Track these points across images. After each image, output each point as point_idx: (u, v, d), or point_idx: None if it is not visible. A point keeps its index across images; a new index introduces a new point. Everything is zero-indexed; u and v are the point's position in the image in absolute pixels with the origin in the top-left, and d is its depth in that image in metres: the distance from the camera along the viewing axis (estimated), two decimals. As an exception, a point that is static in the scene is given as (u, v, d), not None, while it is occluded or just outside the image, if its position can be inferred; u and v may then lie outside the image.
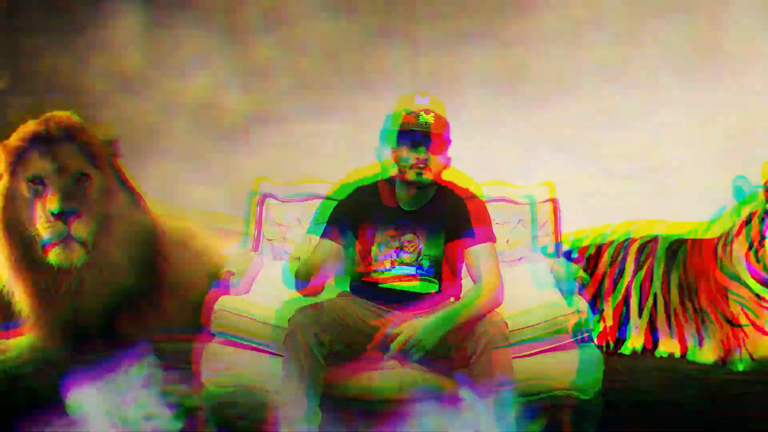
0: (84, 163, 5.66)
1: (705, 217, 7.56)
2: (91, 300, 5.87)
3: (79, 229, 5.55)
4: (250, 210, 5.59)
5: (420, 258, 4.50)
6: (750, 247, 5.88)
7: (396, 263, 4.50)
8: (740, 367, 5.81)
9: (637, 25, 8.88)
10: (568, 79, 8.85)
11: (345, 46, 8.96)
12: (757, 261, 5.84)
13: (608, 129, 8.71)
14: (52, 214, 5.50)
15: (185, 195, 8.75)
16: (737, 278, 5.89)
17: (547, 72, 8.90)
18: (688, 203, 8.48)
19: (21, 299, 5.76)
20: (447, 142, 4.48)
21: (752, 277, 5.87)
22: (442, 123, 4.44)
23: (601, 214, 8.14)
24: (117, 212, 5.78)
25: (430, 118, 4.40)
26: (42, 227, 5.56)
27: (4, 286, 5.79)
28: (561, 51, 8.90)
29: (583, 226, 6.92)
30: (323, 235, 4.51)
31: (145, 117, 8.87)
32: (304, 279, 4.41)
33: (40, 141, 5.68)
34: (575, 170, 8.47)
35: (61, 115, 5.78)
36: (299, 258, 4.47)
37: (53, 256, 5.59)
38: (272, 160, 8.88)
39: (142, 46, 8.90)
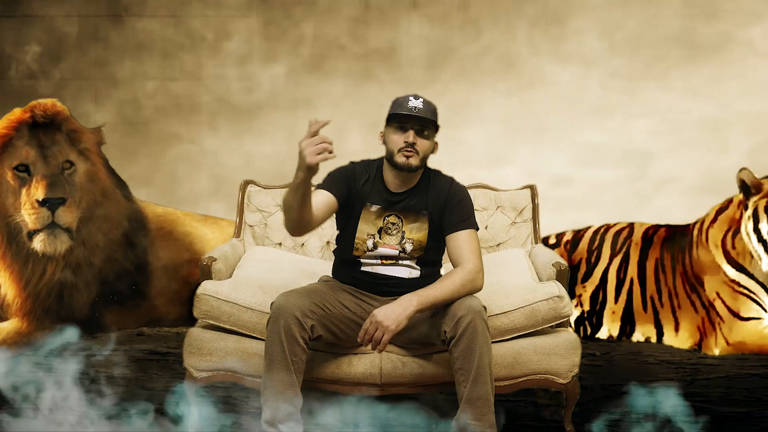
0: (70, 151, 5.66)
1: (678, 202, 7.59)
2: (77, 285, 5.85)
3: (64, 216, 5.55)
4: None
5: (403, 241, 4.51)
6: (726, 233, 5.90)
7: (379, 244, 4.50)
8: (715, 352, 5.83)
9: (613, 17, 8.90)
10: (545, 69, 8.86)
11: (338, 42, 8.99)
12: (733, 247, 5.86)
13: (584, 118, 8.73)
14: (38, 202, 5.50)
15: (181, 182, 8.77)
16: (713, 263, 5.91)
17: (527, 63, 8.91)
18: (662, 190, 8.52)
19: (6, 285, 5.75)
20: (435, 127, 4.48)
21: (728, 262, 5.89)
22: (430, 108, 4.44)
23: (576, 201, 8.17)
24: (103, 199, 5.76)
25: (418, 104, 4.41)
26: (27, 215, 5.56)
27: None
28: (538, 42, 8.91)
29: (560, 217, 6.94)
30: (319, 186, 4.51)
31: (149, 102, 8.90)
32: (293, 220, 4.33)
33: (26, 129, 5.66)
34: (551, 157, 8.49)
35: (47, 102, 5.77)
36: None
37: (38, 243, 5.59)
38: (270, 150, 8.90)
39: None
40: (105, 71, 9.14)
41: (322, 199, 4.43)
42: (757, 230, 5.81)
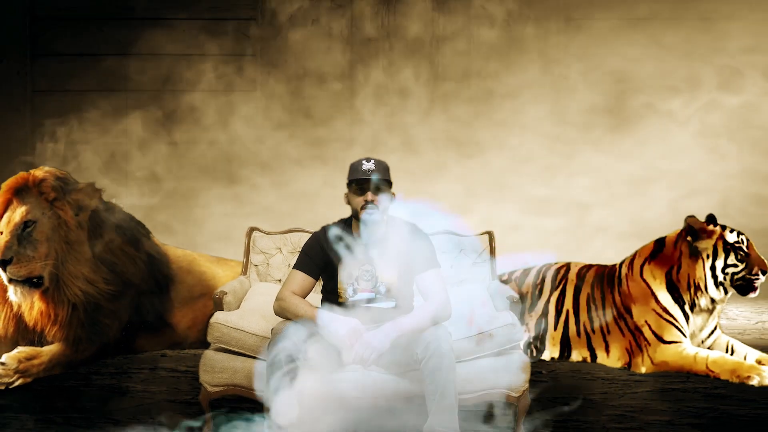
0: (33, 211, 5.58)
1: (610, 245, 7.64)
2: (114, 312, 5.83)
3: (16, 272, 5.51)
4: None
5: (377, 284, 4.52)
6: (671, 268, 5.91)
7: (357, 290, 4.52)
8: (642, 370, 5.85)
9: (556, 92, 8.99)
10: (500, 135, 8.94)
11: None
12: (678, 280, 5.88)
13: (532, 176, 8.80)
14: None
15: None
16: (644, 294, 5.92)
17: (484, 130, 8.99)
18: (597, 235, 8.58)
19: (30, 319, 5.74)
20: (389, 183, 4.50)
21: (668, 291, 5.90)
22: (382, 167, 4.47)
23: (525, 244, 8.21)
24: (67, 246, 5.68)
25: (371, 166, 4.44)
26: None
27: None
28: (494, 113, 8.99)
29: (513, 258, 6.97)
30: (297, 267, 4.53)
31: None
32: (282, 316, 4.42)
33: (4, 204, 5.66)
34: (504, 208, 8.56)
35: (27, 174, 5.72)
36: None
37: (11, 295, 5.60)
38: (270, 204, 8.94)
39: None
40: (133, 137, 9.18)
41: (302, 284, 4.49)
42: (713, 267, 5.83)
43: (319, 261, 4.52)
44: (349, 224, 4.57)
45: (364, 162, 4.46)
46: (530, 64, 9.15)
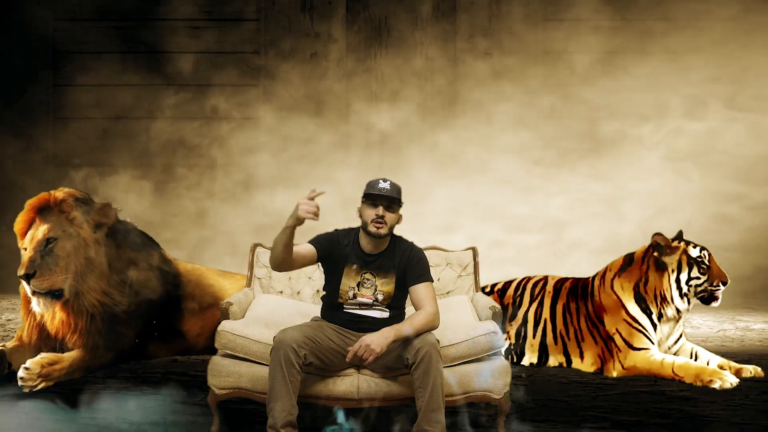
0: (54, 229, 5.57)
1: (585, 260, 7.68)
2: (127, 322, 5.84)
3: (38, 285, 5.49)
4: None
5: (376, 292, 4.56)
6: (639, 281, 5.94)
7: (358, 295, 4.56)
8: (614, 374, 5.87)
9: (535, 119, 9.04)
10: (484, 159, 8.99)
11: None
12: (646, 292, 5.91)
13: (513, 196, 8.85)
14: (20, 277, 5.52)
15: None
16: (615, 305, 5.95)
17: (469, 154, 9.03)
18: (573, 251, 8.62)
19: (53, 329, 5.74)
20: (400, 204, 4.56)
21: (636, 303, 5.93)
22: (396, 189, 4.52)
23: (507, 259, 8.25)
24: (87, 262, 5.66)
25: (386, 186, 4.49)
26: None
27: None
28: (479, 138, 9.04)
29: (495, 271, 7.00)
30: (309, 241, 4.57)
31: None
32: (276, 256, 4.42)
33: (28, 222, 5.66)
34: (488, 226, 8.60)
35: (48, 194, 5.71)
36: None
37: (34, 305, 5.60)
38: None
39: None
40: (146, 162, 9.23)
41: (305, 249, 4.52)
42: (678, 279, 5.86)
43: (327, 250, 4.56)
44: (357, 234, 4.63)
45: (380, 181, 4.52)
46: (512, 94, 9.22)
